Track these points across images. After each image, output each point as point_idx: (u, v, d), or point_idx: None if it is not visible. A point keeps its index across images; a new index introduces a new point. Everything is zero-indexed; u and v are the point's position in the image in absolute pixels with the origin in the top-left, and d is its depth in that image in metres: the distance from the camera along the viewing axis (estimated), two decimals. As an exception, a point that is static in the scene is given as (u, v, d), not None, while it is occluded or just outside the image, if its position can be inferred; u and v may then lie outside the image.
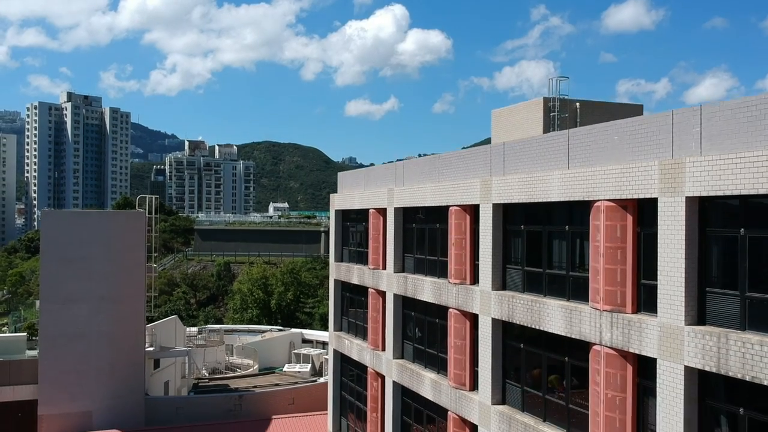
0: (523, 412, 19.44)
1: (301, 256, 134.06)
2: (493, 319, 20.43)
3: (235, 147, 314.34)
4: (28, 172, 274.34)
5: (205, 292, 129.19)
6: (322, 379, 44.43)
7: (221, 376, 48.74)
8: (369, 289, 29.31)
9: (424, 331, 25.63)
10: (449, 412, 22.63)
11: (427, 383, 24.31)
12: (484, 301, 20.76)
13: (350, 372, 32.60)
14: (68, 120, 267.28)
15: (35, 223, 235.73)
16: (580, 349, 17.01)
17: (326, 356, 47.42)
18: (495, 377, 20.50)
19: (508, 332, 20.32)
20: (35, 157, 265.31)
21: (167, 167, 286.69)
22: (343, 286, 33.52)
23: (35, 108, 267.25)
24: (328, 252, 36.02)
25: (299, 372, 50.17)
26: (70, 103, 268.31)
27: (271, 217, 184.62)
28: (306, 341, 59.35)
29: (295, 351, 55.42)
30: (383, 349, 28.21)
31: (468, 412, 21.65)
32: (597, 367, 15.99)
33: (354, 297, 32.29)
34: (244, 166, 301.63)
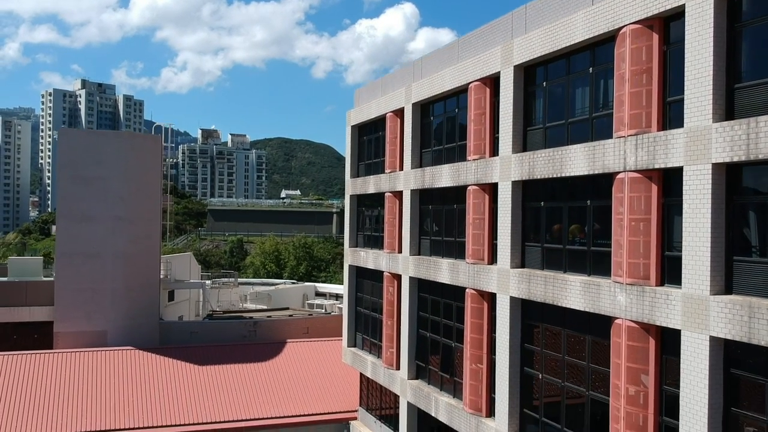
0: (543, 269, 19.25)
1: (313, 237, 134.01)
2: (513, 183, 20.25)
3: (248, 136, 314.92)
4: (42, 159, 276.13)
5: (217, 268, 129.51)
6: (337, 308, 44.33)
7: (235, 310, 48.70)
8: (385, 194, 29.17)
9: (441, 222, 25.47)
10: (467, 290, 22.46)
11: (444, 269, 24.16)
12: (504, 169, 20.57)
13: (365, 285, 32.50)
14: (82, 107, 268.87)
15: (48, 209, 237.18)
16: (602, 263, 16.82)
17: (339, 305, 47.36)
18: (514, 241, 20.32)
19: (528, 193, 20.14)
20: (50, 144, 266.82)
21: (180, 155, 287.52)
22: (359, 201, 33.41)
23: (50, 95, 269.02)
24: (342, 232, 35.95)
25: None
26: (84, 90, 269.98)
27: (283, 200, 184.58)
28: (319, 294, 59.35)
29: (309, 302, 55.40)
30: (400, 251, 28.07)
31: (486, 283, 21.48)
32: (618, 340, 15.83)
33: (370, 210, 32.19)
34: (257, 155, 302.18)
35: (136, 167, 37.03)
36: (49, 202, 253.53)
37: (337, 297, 56.00)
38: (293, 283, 61.88)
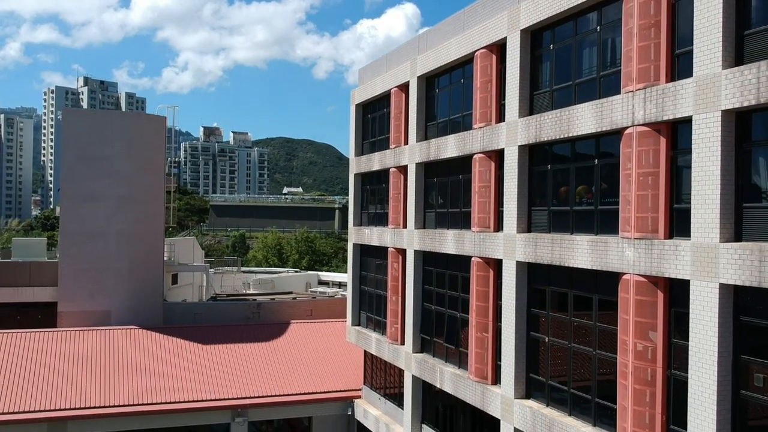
0: (550, 232, 19.20)
1: (315, 232, 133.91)
2: (519, 149, 20.21)
3: (249, 134, 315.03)
4: (44, 156, 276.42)
5: (220, 256, 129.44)
6: (340, 295, 44.32)
7: (238, 293, 48.69)
8: (390, 170, 29.14)
9: (446, 195, 25.44)
10: (473, 258, 22.42)
11: (449, 240, 24.12)
12: (510, 134, 20.53)
13: (370, 263, 32.47)
14: (84, 104, 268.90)
15: (51, 206, 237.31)
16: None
17: (343, 293, 47.28)
18: (521, 207, 20.27)
19: (534, 157, 20.10)
20: (51, 142, 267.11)
21: (182, 153, 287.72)
22: (363, 180, 33.38)
23: (52, 93, 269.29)
24: (344, 228, 35.92)
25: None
26: (86, 87, 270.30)
27: (285, 196, 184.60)
28: (322, 282, 59.32)
29: (312, 289, 55.37)
30: (404, 226, 28.04)
31: (492, 250, 21.43)
32: (626, 296, 15.80)
33: (374, 188, 32.15)
34: (258, 153, 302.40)
35: (140, 147, 37.03)
36: (51, 200, 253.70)
37: (340, 285, 55.98)
38: (296, 271, 61.86)
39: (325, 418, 33.26)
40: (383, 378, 31.29)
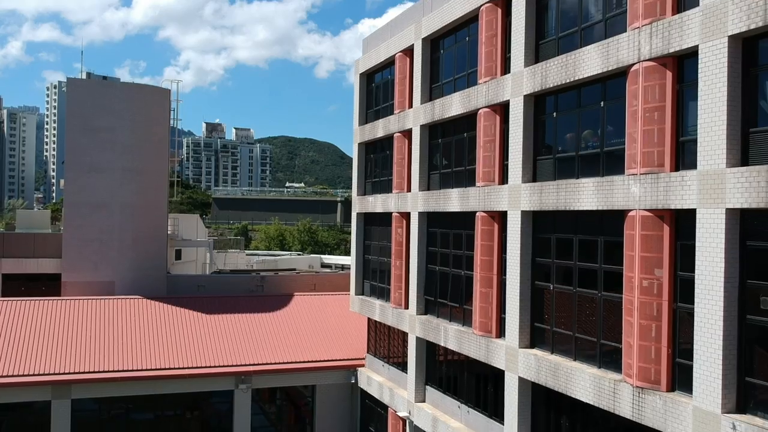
0: (556, 179, 19.20)
1: (317, 224, 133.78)
2: (525, 98, 20.22)
3: (252, 130, 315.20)
4: (47, 152, 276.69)
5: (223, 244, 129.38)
6: (343, 260, 44.31)
7: (242, 268, 48.74)
8: (394, 135, 29.16)
9: (450, 154, 25.45)
10: (477, 213, 22.43)
11: (454, 198, 24.13)
12: (516, 84, 20.54)
13: (373, 231, 32.50)
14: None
15: (53, 202, 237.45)
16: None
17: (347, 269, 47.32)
18: (526, 157, 20.28)
19: (539, 106, 20.11)
20: (54, 137, 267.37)
21: (184, 149, 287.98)
22: (367, 149, 33.41)
23: (55, 88, 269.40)
24: (347, 220, 35.91)
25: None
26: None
27: (287, 188, 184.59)
28: (325, 265, 59.34)
29: (315, 270, 55.44)
30: (408, 189, 28.06)
31: (497, 203, 21.44)
32: (632, 232, 15.79)
33: (378, 156, 32.18)
34: (261, 149, 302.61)
35: (144, 119, 37.06)
36: (54, 197, 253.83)
37: (343, 267, 56.01)
38: (299, 253, 61.90)
39: (328, 387, 33.28)
40: (387, 345, 31.32)
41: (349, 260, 37.75)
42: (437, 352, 26.35)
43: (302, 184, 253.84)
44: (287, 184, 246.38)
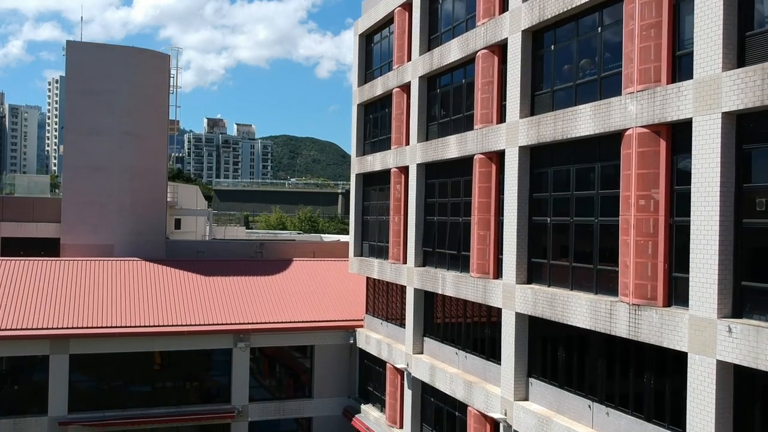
0: (554, 110, 19.16)
1: (318, 214, 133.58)
2: (523, 33, 20.19)
3: (253, 126, 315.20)
4: (48, 146, 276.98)
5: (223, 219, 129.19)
6: (344, 238, 44.30)
7: (241, 237, 48.72)
8: (393, 91, 29.14)
9: (448, 103, 25.44)
10: (475, 156, 22.40)
11: (452, 144, 24.10)
12: (514, 20, 20.51)
13: (372, 192, 32.49)
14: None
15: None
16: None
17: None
18: (523, 93, 20.25)
19: (537, 41, 20.08)
20: (56, 131, 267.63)
21: (185, 144, 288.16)
22: (366, 110, 33.40)
23: (56, 82, 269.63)
24: (347, 213, 35.94)
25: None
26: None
27: (288, 180, 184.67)
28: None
29: (314, 249, 55.33)
30: (407, 143, 28.04)
31: (495, 143, 21.42)
32: (629, 151, 15.76)
33: (376, 114, 32.17)
34: (262, 145, 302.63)
35: (143, 83, 37.05)
36: (56, 191, 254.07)
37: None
38: (299, 233, 61.88)
39: (327, 348, 33.26)
40: (385, 303, 31.31)
41: (346, 239, 37.81)
42: (435, 303, 26.33)
43: (303, 179, 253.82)
44: (289, 179, 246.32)
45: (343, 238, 58.85)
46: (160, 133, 37.77)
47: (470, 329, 23.88)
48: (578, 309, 17.40)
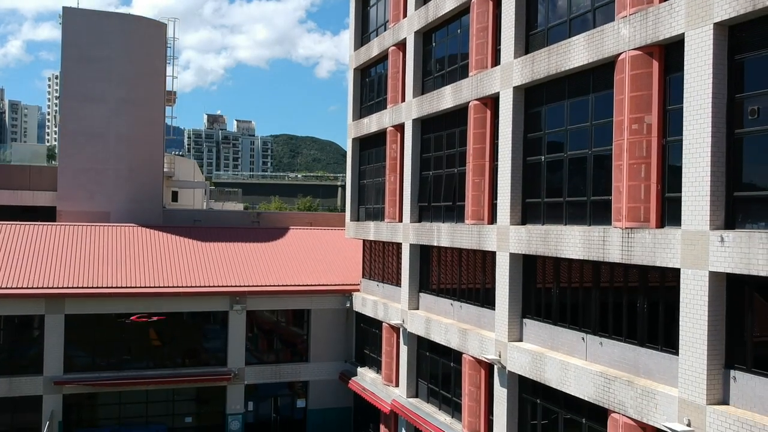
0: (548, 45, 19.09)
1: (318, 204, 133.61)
2: (517, -25, 20.14)
3: (253, 123, 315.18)
4: (48, 143, 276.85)
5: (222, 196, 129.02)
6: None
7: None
8: (389, 50, 29.09)
9: (444, 55, 25.39)
10: (470, 102, 22.35)
11: (447, 94, 24.05)
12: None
13: (368, 155, 32.46)
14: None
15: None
16: None
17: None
18: (518, 33, 20.19)
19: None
20: (56, 131, 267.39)
21: (185, 140, 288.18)
22: (362, 73, 33.38)
23: (56, 78, 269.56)
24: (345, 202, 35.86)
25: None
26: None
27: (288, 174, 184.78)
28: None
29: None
30: (403, 100, 27.99)
31: (489, 86, 21.36)
32: (622, 76, 15.69)
33: (372, 77, 32.14)
34: (262, 141, 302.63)
35: (140, 50, 37.02)
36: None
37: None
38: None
39: (323, 312, 33.23)
40: (381, 264, 31.26)
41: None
42: (430, 259, 26.28)
43: (303, 173, 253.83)
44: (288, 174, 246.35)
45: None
46: (157, 102, 37.72)
47: (465, 280, 23.82)
48: (572, 240, 17.35)
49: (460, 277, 24.13)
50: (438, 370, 25.60)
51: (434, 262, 26.10)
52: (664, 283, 15.12)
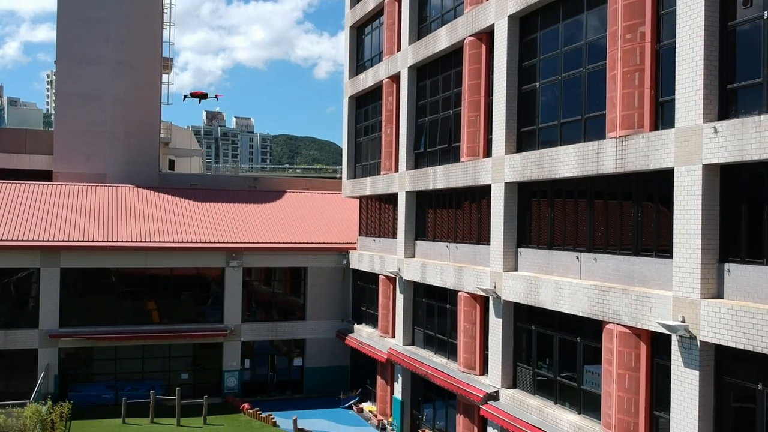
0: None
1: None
2: None
3: (252, 119, 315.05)
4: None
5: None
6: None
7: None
8: (385, 2, 29.03)
9: (440, 2, 25.33)
10: (465, 39, 22.28)
11: (442, 36, 23.98)
12: None
13: (364, 112, 32.40)
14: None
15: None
16: None
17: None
18: (512, -36, 20.15)
19: None
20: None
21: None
22: (358, 32, 33.33)
23: (55, 75, 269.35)
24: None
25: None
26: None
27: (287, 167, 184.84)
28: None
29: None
30: (399, 50, 27.91)
31: (484, 20, 21.29)
32: (615, 6, 15.65)
33: (366, 35, 32.09)
34: (261, 138, 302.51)
35: (137, 13, 36.97)
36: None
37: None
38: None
39: (320, 270, 33.15)
40: (378, 220, 31.19)
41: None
42: (426, 206, 26.21)
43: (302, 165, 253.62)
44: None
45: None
46: (153, 65, 37.66)
47: (461, 221, 23.76)
48: (566, 159, 17.29)
49: (456, 220, 24.05)
50: (434, 316, 25.52)
51: (430, 211, 26.02)
52: (658, 191, 15.04)
